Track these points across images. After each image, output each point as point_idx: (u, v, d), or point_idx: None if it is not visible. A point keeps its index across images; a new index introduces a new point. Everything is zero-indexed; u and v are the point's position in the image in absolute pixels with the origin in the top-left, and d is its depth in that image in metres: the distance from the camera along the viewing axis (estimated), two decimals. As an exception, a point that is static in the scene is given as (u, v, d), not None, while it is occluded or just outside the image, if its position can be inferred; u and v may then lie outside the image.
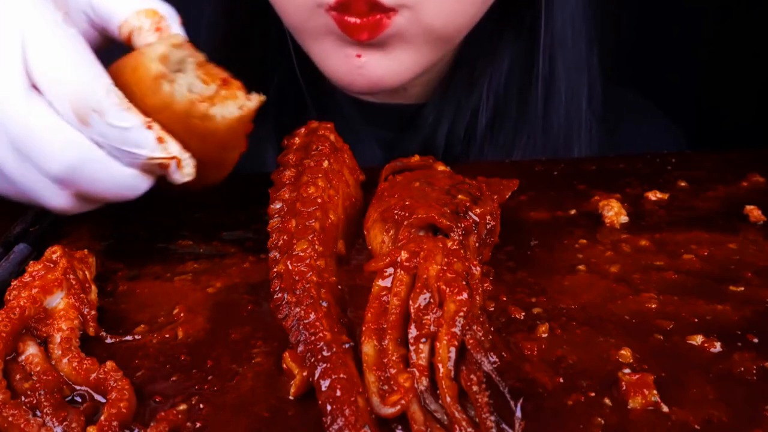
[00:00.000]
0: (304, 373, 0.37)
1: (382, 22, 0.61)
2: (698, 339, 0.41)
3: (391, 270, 0.41)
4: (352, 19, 0.60)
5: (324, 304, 0.40)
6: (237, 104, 0.46)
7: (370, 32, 0.61)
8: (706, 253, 0.49)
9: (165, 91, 0.43)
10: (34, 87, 0.42)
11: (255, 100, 0.46)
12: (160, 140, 0.43)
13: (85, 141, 0.42)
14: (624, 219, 0.54)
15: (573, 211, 0.56)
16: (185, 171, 0.45)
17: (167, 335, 0.43)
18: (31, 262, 0.44)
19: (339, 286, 0.44)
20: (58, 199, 0.45)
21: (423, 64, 0.67)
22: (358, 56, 0.64)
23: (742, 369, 0.38)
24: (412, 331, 0.37)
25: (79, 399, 0.38)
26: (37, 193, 0.45)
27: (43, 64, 0.42)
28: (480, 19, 0.67)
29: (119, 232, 0.55)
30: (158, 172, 0.45)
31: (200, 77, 0.45)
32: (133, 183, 0.45)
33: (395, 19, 0.61)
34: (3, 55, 0.42)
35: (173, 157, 0.44)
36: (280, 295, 0.42)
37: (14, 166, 0.44)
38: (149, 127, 0.43)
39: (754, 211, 0.53)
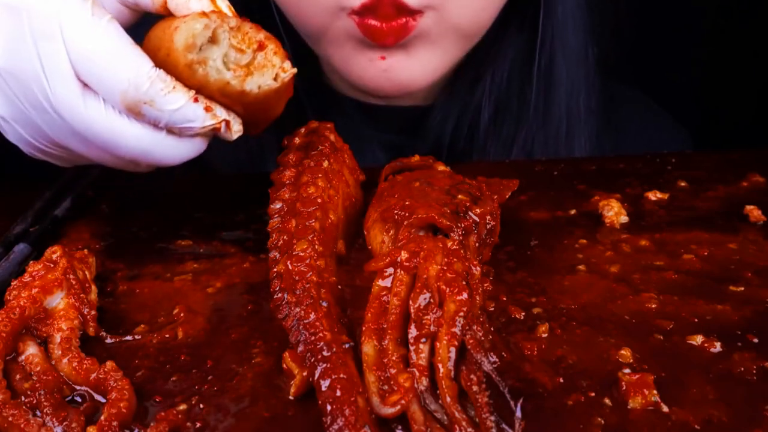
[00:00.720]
0: (304, 373, 0.37)
1: (408, 25, 0.60)
2: (698, 339, 0.41)
3: (391, 270, 0.41)
4: (376, 23, 0.59)
5: (324, 304, 0.40)
6: (272, 73, 0.46)
7: (395, 36, 0.60)
8: (706, 253, 0.49)
9: (199, 74, 0.44)
10: (86, 84, 0.43)
11: (289, 71, 0.47)
12: (207, 109, 0.45)
13: (145, 130, 0.45)
14: (624, 219, 0.54)
15: (573, 211, 0.56)
16: (234, 129, 0.47)
17: (167, 335, 0.43)
18: (31, 262, 0.44)
19: (339, 286, 0.44)
20: (130, 135, 0.46)
21: (448, 63, 0.67)
22: (382, 58, 0.63)
23: (742, 369, 0.38)
24: (412, 331, 0.37)
25: (79, 399, 0.38)
26: (112, 131, 0.46)
27: (86, 66, 0.43)
28: None
29: (119, 232, 0.55)
30: (211, 135, 0.47)
31: (234, 46, 0.45)
32: (193, 149, 0.47)
33: (422, 21, 0.60)
34: (51, 60, 0.42)
35: (223, 120, 0.46)
36: (280, 295, 0.42)
37: (86, 151, 0.46)
38: (196, 100, 0.45)
39: (754, 211, 0.53)
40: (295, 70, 0.47)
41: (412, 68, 0.64)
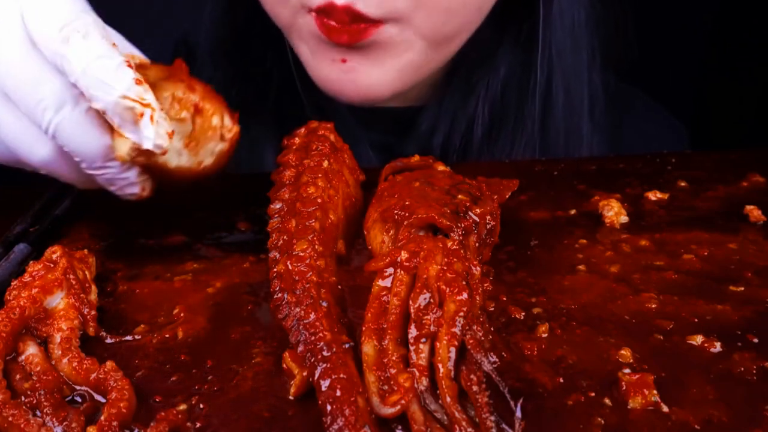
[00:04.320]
0: (304, 373, 0.37)
1: (368, 31, 0.60)
2: (698, 339, 0.41)
3: (391, 270, 0.41)
4: (333, 23, 0.60)
5: (324, 304, 0.40)
6: (218, 134, 0.48)
7: (350, 37, 0.60)
8: (706, 253, 0.49)
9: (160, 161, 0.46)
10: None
11: (233, 128, 0.48)
12: (138, 82, 0.42)
13: (64, 79, 0.43)
14: (624, 219, 0.54)
15: (573, 211, 0.56)
16: (159, 131, 0.43)
17: (167, 335, 0.43)
18: (31, 262, 0.44)
19: (339, 286, 0.44)
20: (39, 148, 0.45)
21: (420, 71, 0.67)
22: (343, 61, 0.63)
23: (742, 369, 0.38)
24: (412, 331, 0.37)
25: (79, 399, 0.38)
26: (18, 139, 0.45)
27: None
28: (478, 27, 0.67)
29: (119, 232, 0.55)
30: (129, 120, 0.42)
31: (174, 118, 0.45)
32: (97, 136, 0.44)
33: (384, 29, 0.60)
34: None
35: (148, 105, 0.42)
36: (280, 295, 0.42)
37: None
38: (129, 66, 0.42)
39: (754, 211, 0.53)
40: (237, 127, 0.48)
41: (374, 74, 0.64)
